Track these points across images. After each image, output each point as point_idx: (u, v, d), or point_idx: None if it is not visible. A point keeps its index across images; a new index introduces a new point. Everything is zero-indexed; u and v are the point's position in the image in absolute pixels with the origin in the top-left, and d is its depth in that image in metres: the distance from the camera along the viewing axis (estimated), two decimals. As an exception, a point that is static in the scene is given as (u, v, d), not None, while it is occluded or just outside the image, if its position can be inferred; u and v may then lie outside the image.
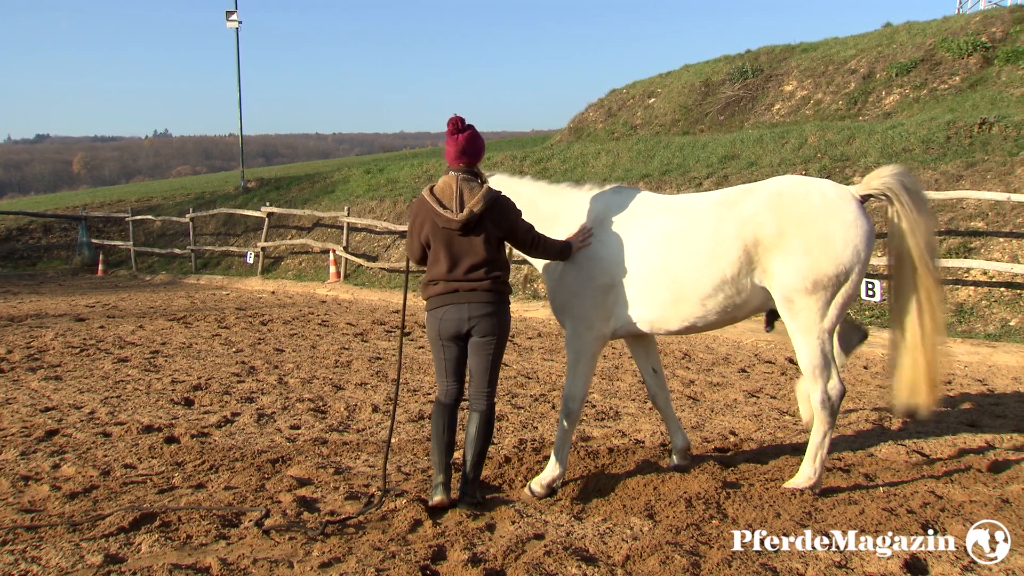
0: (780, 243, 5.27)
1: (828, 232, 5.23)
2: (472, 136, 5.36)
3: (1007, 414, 7.53)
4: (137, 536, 4.94)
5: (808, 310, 5.28)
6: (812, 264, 5.22)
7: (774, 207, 5.33)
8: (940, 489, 5.54)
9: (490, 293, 5.23)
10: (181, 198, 31.95)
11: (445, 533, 4.95)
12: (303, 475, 6.10)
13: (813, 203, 5.30)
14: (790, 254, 5.25)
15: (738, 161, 16.29)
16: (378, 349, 11.73)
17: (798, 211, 5.29)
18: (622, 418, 7.70)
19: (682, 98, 24.75)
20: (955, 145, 13.68)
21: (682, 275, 5.46)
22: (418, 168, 24.81)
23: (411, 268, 6.04)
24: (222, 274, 24.24)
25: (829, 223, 5.24)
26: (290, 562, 4.58)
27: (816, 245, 5.22)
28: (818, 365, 5.33)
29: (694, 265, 5.44)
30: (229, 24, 31.03)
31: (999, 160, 12.53)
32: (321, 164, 53.57)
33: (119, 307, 17.58)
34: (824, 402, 5.37)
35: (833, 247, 5.21)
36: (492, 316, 5.24)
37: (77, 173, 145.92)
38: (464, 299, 5.22)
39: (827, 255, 5.21)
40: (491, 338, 5.28)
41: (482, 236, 5.20)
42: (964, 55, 19.18)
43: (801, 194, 5.36)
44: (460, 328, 5.26)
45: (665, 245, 5.53)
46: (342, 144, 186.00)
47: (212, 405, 8.42)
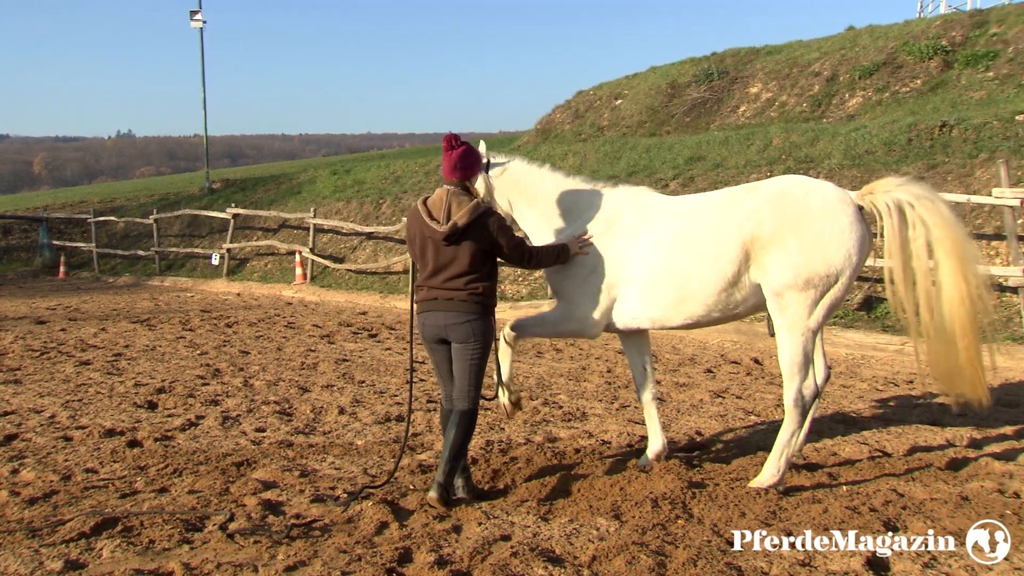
0: (776, 240, 5.38)
1: (823, 233, 5.32)
2: (464, 153, 5.53)
3: (967, 412, 7.62)
4: (98, 541, 4.88)
5: (796, 307, 5.37)
6: (805, 263, 5.32)
7: (774, 205, 5.45)
8: (902, 487, 5.61)
9: (465, 303, 5.38)
10: (145, 199, 31.56)
11: (411, 535, 4.93)
12: (268, 478, 6.05)
13: (812, 204, 5.40)
14: (785, 251, 5.35)
15: (704, 162, 16.39)
16: (345, 351, 11.67)
17: (796, 210, 5.39)
18: (589, 419, 7.72)
19: (649, 100, 24.86)
20: (916, 147, 13.87)
21: (688, 276, 5.60)
22: (385, 169, 24.71)
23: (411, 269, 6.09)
24: (187, 276, 24.00)
25: (825, 225, 5.34)
26: (255, 566, 4.54)
27: (810, 245, 5.32)
28: (797, 363, 5.42)
29: (699, 265, 5.57)
30: (193, 23, 30.69)
31: (959, 162, 12.71)
32: (287, 165, 53.21)
33: (81, 309, 17.35)
34: (796, 401, 5.45)
35: (826, 248, 5.31)
36: (467, 324, 5.38)
37: (38, 174, 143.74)
38: (442, 307, 5.41)
39: (820, 255, 5.31)
40: (467, 345, 5.41)
41: (465, 248, 5.36)
42: (925, 58, 19.44)
43: (801, 194, 5.46)
44: (439, 333, 5.47)
45: (670, 247, 5.68)
46: (309, 145, 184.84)
47: (176, 408, 8.33)
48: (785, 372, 5.49)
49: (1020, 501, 5.32)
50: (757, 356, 10.75)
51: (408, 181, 22.88)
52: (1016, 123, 13.27)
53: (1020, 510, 5.14)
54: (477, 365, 5.47)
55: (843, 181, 13.44)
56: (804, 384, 5.47)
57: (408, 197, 20.88)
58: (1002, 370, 9.45)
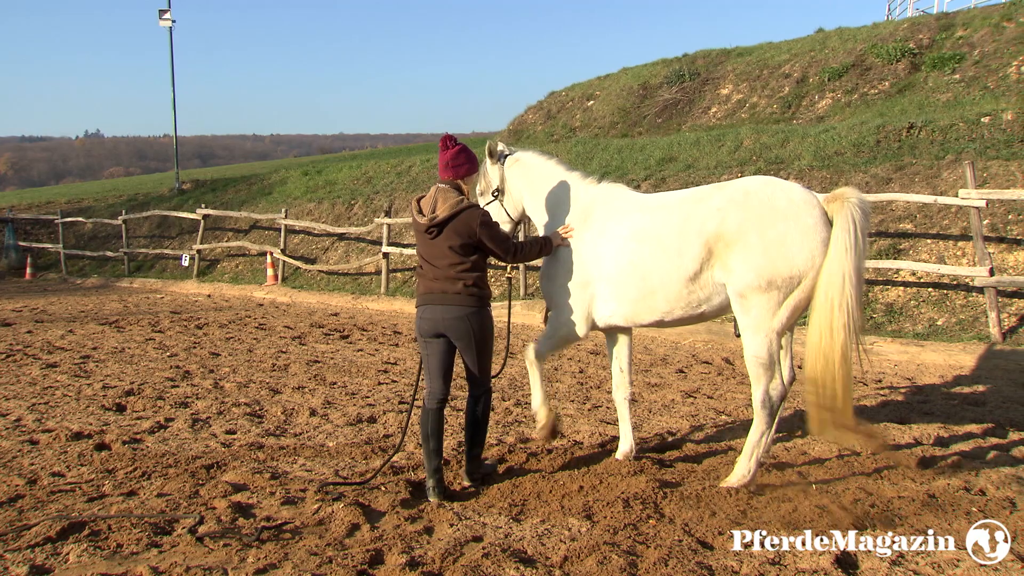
0: (740, 239, 5.37)
1: (786, 233, 5.30)
2: (456, 153, 5.80)
3: (934, 411, 7.73)
4: (65, 546, 4.81)
5: (759, 308, 5.36)
6: (767, 263, 5.30)
7: (739, 204, 5.45)
8: (870, 486, 5.66)
9: (460, 295, 5.60)
10: (113, 200, 31.21)
11: (383, 537, 4.91)
12: (238, 480, 6.01)
13: (776, 204, 5.38)
14: (748, 251, 5.34)
15: (676, 163, 16.46)
16: (316, 352, 11.60)
17: (760, 210, 5.38)
18: (560, 420, 7.72)
19: (621, 101, 24.93)
20: (885, 149, 14.01)
21: (649, 271, 5.69)
22: (357, 170, 24.61)
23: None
24: (156, 277, 23.76)
25: (788, 225, 5.31)
26: (224, 569, 4.50)
27: (773, 245, 5.30)
28: (763, 364, 5.42)
29: (660, 260, 5.64)
30: (162, 23, 30.39)
31: (926, 163, 12.86)
32: (258, 165, 52.87)
33: (48, 311, 17.14)
34: (764, 402, 5.46)
35: (789, 249, 5.29)
36: (464, 320, 5.60)
37: (4, 174, 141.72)
38: (438, 300, 5.63)
39: (783, 256, 5.29)
40: (467, 340, 5.63)
41: (449, 241, 5.58)
42: (893, 61, 19.63)
43: (767, 194, 5.46)
44: (436, 328, 5.65)
45: (635, 242, 5.77)
46: (280, 145, 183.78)
47: (145, 411, 8.24)
48: (751, 374, 5.50)
49: (985, 498, 5.38)
50: (728, 356, 10.81)
51: (380, 182, 22.80)
52: (981, 125, 13.45)
53: (986, 507, 5.20)
54: (481, 356, 5.71)
55: (813, 182, 13.56)
56: (771, 385, 5.49)
57: (380, 198, 20.81)
58: (967, 369, 9.58)
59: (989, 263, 10.42)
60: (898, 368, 9.87)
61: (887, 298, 11.67)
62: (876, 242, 12.22)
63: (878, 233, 12.30)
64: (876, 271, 11.84)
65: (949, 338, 10.53)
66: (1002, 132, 13.02)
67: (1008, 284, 10.49)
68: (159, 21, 30.41)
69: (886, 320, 11.32)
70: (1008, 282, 10.46)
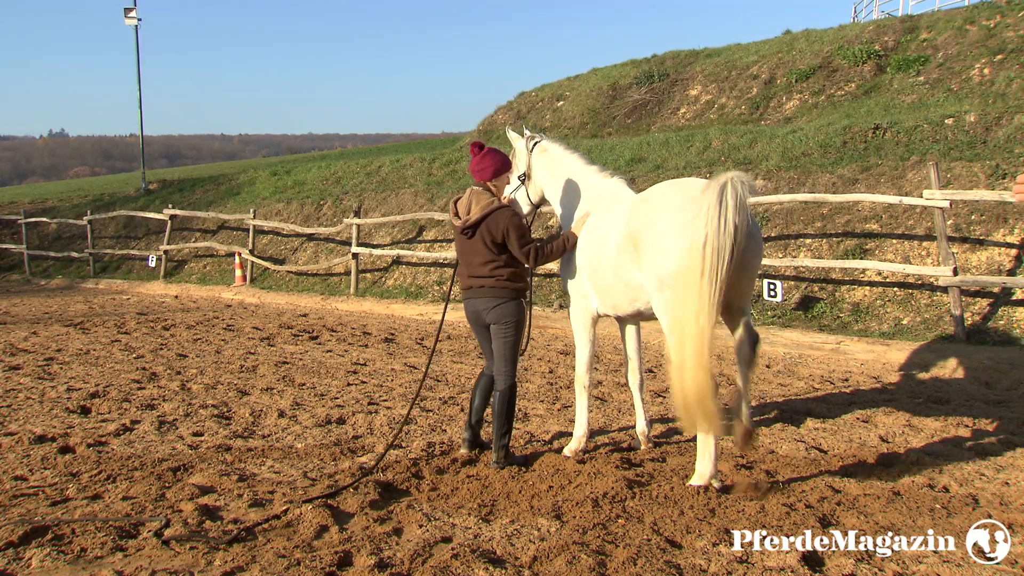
0: (642, 239, 5.44)
1: (666, 230, 5.25)
2: (481, 158, 6.27)
3: (900, 410, 7.81)
4: (27, 551, 4.74)
5: (665, 307, 5.35)
6: (657, 262, 5.31)
7: (644, 203, 5.58)
8: (837, 484, 5.71)
9: (494, 289, 6.11)
10: (78, 200, 30.84)
11: (351, 539, 4.89)
12: (206, 483, 5.95)
13: (668, 201, 5.38)
14: (645, 251, 5.40)
15: (645, 164, 16.53)
16: (285, 353, 11.53)
17: (652, 209, 5.44)
18: (531, 420, 7.73)
19: (590, 101, 25.00)
20: (851, 149, 14.15)
21: (598, 268, 5.99)
22: (326, 170, 24.49)
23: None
24: (122, 278, 23.50)
25: (669, 221, 5.25)
26: (191, 572, 4.46)
27: (657, 242, 5.30)
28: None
29: (602, 257, 5.92)
30: (128, 21, 30.09)
31: (892, 164, 13.00)
32: (227, 166, 52.48)
33: (11, 313, 16.89)
34: None
35: (666, 246, 5.22)
36: (498, 307, 6.11)
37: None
38: (476, 294, 6.20)
39: (664, 254, 5.24)
40: (500, 326, 6.13)
41: (482, 240, 6.09)
42: (859, 62, 19.84)
43: (665, 191, 5.54)
44: (479, 318, 6.24)
45: (595, 237, 6.07)
46: (248, 145, 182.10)
47: (110, 413, 8.14)
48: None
49: (949, 495, 5.45)
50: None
51: (349, 182, 22.71)
52: (945, 127, 13.62)
53: (949, 504, 5.27)
54: (511, 343, 6.15)
55: (780, 183, 13.68)
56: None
57: (349, 198, 20.72)
58: (932, 367, 9.70)
59: (953, 263, 10.55)
60: (864, 367, 9.97)
61: (853, 298, 11.79)
62: (843, 242, 12.35)
63: (844, 233, 12.43)
64: (843, 271, 11.97)
65: (914, 337, 10.65)
66: (965, 133, 13.19)
67: (971, 283, 10.63)
68: (125, 19, 30.15)
69: (852, 319, 11.43)
70: (971, 281, 10.60)
